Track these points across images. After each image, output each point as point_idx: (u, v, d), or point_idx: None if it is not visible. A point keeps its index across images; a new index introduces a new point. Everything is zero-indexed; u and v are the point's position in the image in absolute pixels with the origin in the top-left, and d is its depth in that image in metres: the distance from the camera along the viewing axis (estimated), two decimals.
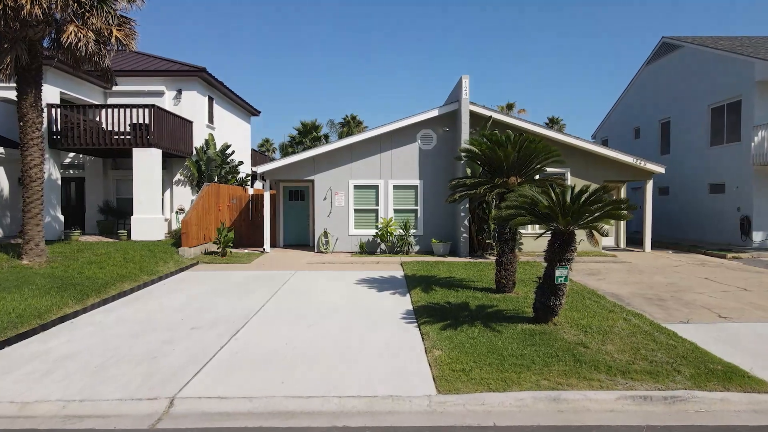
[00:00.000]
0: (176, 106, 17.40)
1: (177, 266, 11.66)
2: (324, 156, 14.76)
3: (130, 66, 17.56)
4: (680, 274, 11.08)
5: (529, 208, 6.30)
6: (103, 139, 14.57)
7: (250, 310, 8.02)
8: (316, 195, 14.93)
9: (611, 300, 8.46)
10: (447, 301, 8.31)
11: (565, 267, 6.42)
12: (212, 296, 9.03)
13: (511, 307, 7.90)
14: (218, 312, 7.86)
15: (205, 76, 17.52)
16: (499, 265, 8.75)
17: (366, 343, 6.28)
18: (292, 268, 12.18)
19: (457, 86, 14.32)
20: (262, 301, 8.66)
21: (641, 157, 14.66)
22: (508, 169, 8.40)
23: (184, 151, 16.86)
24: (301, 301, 8.65)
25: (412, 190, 14.97)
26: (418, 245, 14.87)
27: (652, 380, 4.96)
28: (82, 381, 5.08)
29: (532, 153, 8.06)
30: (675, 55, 19.17)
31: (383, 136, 14.74)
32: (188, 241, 13.01)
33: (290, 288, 9.81)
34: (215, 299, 8.77)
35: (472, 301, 8.26)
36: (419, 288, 9.45)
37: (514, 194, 6.64)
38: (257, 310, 8.03)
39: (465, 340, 6.19)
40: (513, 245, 8.66)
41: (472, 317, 7.27)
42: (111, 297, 8.61)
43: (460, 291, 9.12)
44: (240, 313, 7.81)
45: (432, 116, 14.47)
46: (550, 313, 6.77)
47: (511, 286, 8.76)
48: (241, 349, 6.07)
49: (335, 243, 14.88)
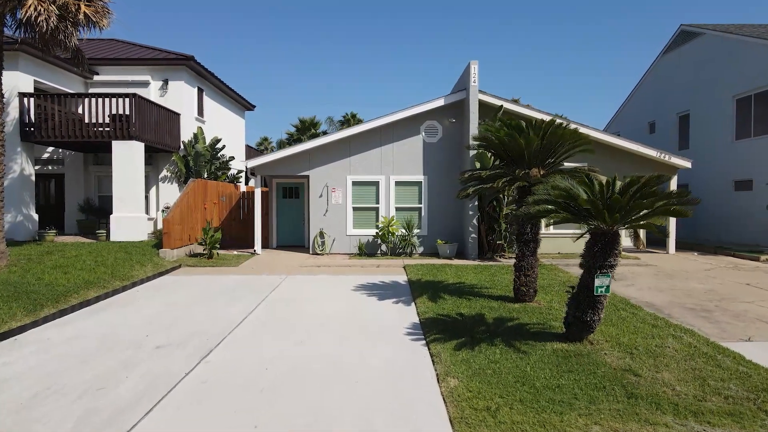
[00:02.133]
0: (162, 97, 16.27)
1: (156, 270, 10.51)
2: (320, 149, 13.61)
3: (112, 55, 16.42)
4: (716, 279, 9.92)
5: (563, 203, 5.15)
6: (80, 132, 13.43)
7: (230, 322, 6.88)
8: (312, 192, 13.78)
9: (649, 311, 7.31)
10: (459, 313, 7.17)
11: (607, 275, 5.28)
12: (190, 305, 7.89)
13: (535, 320, 6.75)
14: (193, 325, 6.73)
15: (194, 65, 16.37)
16: (518, 270, 7.60)
17: (364, 367, 5.14)
18: (284, 272, 11.04)
19: (465, 73, 13.17)
20: (246, 311, 7.53)
21: (665, 151, 13.50)
22: (529, 159, 7.25)
23: (170, 146, 15.73)
24: (290, 312, 7.51)
25: (415, 186, 13.82)
26: (422, 246, 13.72)
27: (736, 425, 3.82)
28: (0, 421, 3.94)
29: (558, 140, 6.90)
30: (695, 44, 18.02)
31: (384, 127, 13.59)
32: (170, 242, 11.86)
33: (279, 295, 8.67)
34: (193, 309, 7.63)
35: (489, 313, 7.11)
36: (425, 296, 8.31)
37: (544, 186, 5.49)
38: (239, 322, 6.89)
39: (485, 365, 5.05)
40: (535, 247, 7.52)
41: (490, 333, 6.12)
42: (71, 307, 7.46)
43: (473, 300, 7.97)
44: (218, 326, 6.68)
45: (437, 106, 13.31)
46: (586, 329, 5.62)
47: (532, 294, 7.61)
48: (212, 376, 4.93)
49: (332, 244, 13.73)
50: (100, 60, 15.88)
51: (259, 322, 6.95)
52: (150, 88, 16.21)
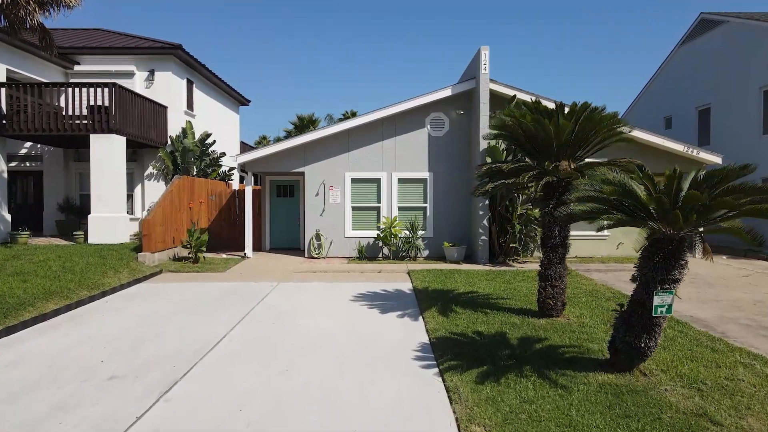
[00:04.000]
0: (149, 89, 15.18)
1: (132, 276, 9.43)
2: (316, 144, 12.52)
3: (95, 44, 15.33)
4: (760, 288, 8.83)
5: (615, 201, 4.06)
6: (56, 125, 12.36)
7: (206, 342, 5.80)
8: (307, 190, 12.69)
9: (699, 328, 6.22)
10: (475, 330, 6.08)
11: (669, 291, 4.20)
12: (163, 320, 6.81)
13: (568, 340, 5.67)
14: (161, 346, 5.65)
15: (182, 55, 15.28)
16: (543, 280, 6.51)
17: (363, 408, 4.06)
18: (275, 278, 9.96)
19: (475, 61, 12.08)
20: (227, 327, 6.45)
21: (691, 144, 12.41)
22: (558, 150, 6.16)
23: (156, 141, 14.65)
24: (277, 329, 6.43)
25: (420, 184, 12.74)
26: (427, 249, 12.63)
27: None
28: None
29: (594, 127, 5.82)
30: (716, 33, 16.91)
31: (386, 120, 12.50)
32: (151, 244, 10.77)
33: (267, 307, 7.59)
34: (165, 324, 6.56)
35: (511, 331, 6.03)
36: (435, 308, 7.23)
37: (587, 181, 4.41)
38: (216, 342, 5.82)
39: (518, 406, 3.97)
40: (563, 253, 6.43)
41: (517, 358, 5.04)
42: (21, 324, 6.38)
43: (490, 313, 6.88)
44: (191, 348, 5.60)
45: (444, 96, 12.22)
46: (638, 357, 4.54)
47: (559, 308, 6.53)
48: (168, 423, 3.85)
49: (329, 247, 12.65)
50: (81, 49, 14.80)
51: (239, 342, 5.87)
52: (135, 79, 15.14)
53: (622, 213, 4.04)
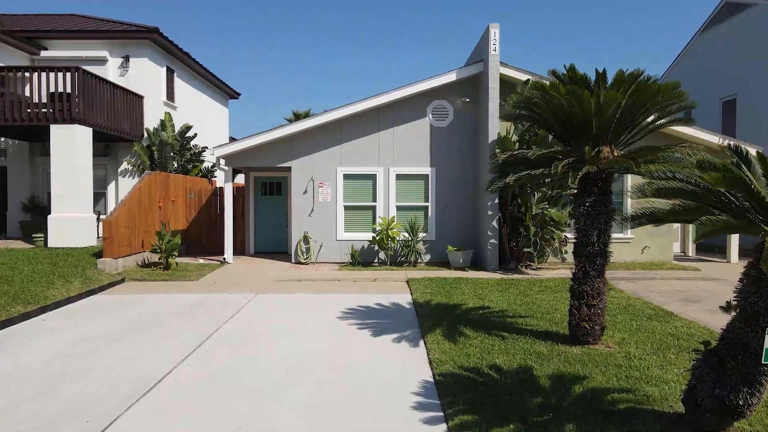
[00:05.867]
0: (123, 77, 13.85)
1: (84, 287, 8.08)
2: (304, 135, 11.16)
3: (63, 27, 13.99)
4: None
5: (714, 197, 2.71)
6: (13, 114, 11.02)
7: (143, 381, 4.45)
8: (294, 187, 11.33)
9: None
10: (492, 364, 4.73)
11: None
12: (101, 346, 5.47)
13: (615, 380, 4.31)
14: (83, 387, 4.32)
15: (159, 40, 13.92)
16: (578, 297, 5.16)
17: None
18: (254, 288, 8.61)
19: (482, 41, 10.73)
20: (178, 356, 5.11)
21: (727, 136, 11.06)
22: (598, 132, 4.81)
23: (130, 133, 13.31)
24: (242, 358, 5.08)
25: (420, 180, 11.38)
26: (428, 254, 11.27)
27: None
28: None
29: (648, 101, 4.46)
30: (742, 18, 15.55)
31: (383, 108, 11.14)
32: (113, 249, 9.42)
33: (236, 327, 6.24)
34: (101, 354, 5.21)
35: (539, 365, 4.67)
36: (439, 330, 5.88)
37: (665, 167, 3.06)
38: (156, 381, 4.47)
39: None
40: (603, 264, 5.08)
41: (554, 412, 3.69)
42: None
43: (509, 338, 5.53)
44: (121, 390, 4.26)
45: (448, 81, 10.86)
46: (731, 416, 3.19)
47: (597, 333, 5.18)
48: None
49: (319, 251, 11.28)
50: (48, 32, 13.47)
51: (186, 381, 4.52)
52: (108, 66, 13.80)
53: (728, 213, 2.69)
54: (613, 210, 5.02)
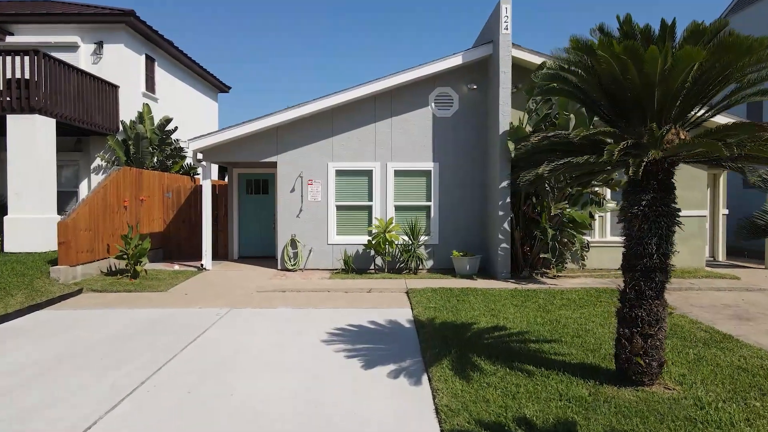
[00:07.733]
0: (96, 64, 12.68)
1: (29, 301, 6.89)
2: (292, 126, 9.97)
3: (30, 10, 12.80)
4: None
5: None
6: None
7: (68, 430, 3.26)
8: (280, 185, 10.13)
9: None
10: (521, 416, 3.54)
11: None
12: (18, 384, 4.27)
13: None
14: None
15: (136, 24, 12.75)
16: (630, 326, 3.96)
17: None
18: (229, 300, 7.42)
19: (492, 20, 9.53)
20: (112, 398, 3.93)
21: None
22: (661, 106, 3.61)
23: (103, 126, 12.13)
24: (195, 402, 3.89)
25: (422, 176, 10.17)
26: (431, 259, 10.07)
27: None
28: None
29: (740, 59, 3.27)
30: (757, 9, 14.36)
31: (380, 96, 9.95)
32: (70, 255, 8.22)
33: (196, 355, 5.04)
34: (17, 396, 4.01)
35: (585, 420, 3.47)
36: (447, 360, 4.68)
37: None
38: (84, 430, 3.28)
39: None
40: (663, 281, 3.88)
41: None
42: None
43: (536, 374, 4.32)
44: None
45: (453, 66, 9.66)
46: None
47: (655, 370, 3.97)
48: None
49: (308, 256, 10.08)
50: (12, 16, 12.29)
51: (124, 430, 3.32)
52: (79, 52, 12.63)
53: None
54: (678, 211, 3.83)
